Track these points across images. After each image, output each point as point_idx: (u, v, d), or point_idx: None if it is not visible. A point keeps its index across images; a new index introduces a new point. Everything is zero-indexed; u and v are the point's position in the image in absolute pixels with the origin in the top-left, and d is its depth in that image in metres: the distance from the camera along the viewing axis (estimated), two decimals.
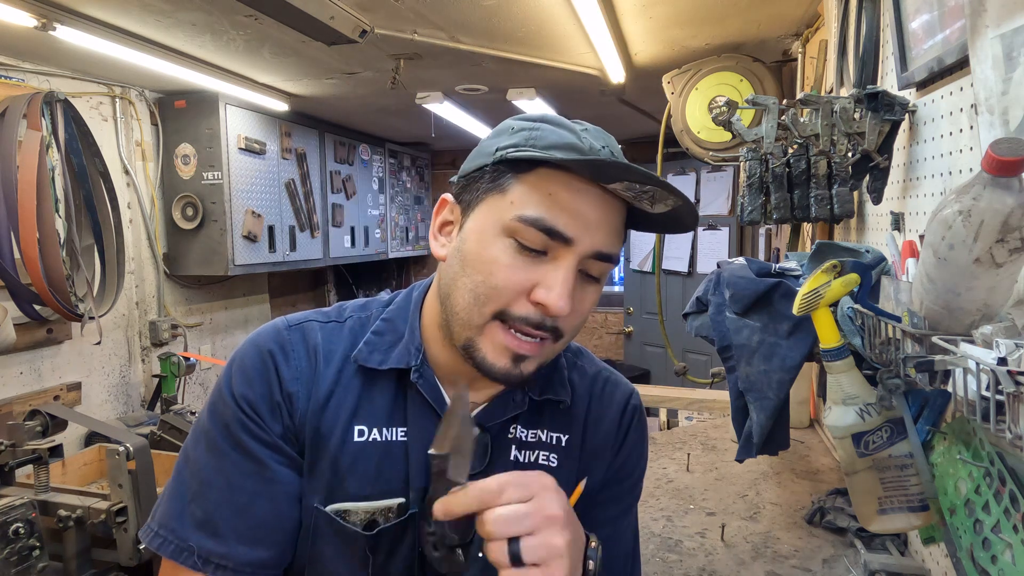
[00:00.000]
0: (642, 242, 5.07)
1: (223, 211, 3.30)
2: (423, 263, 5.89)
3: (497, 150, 0.67)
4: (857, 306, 0.87)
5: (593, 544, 0.64)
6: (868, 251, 1.02)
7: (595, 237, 0.66)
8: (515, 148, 0.66)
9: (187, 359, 3.25)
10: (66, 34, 2.22)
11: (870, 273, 0.86)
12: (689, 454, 1.85)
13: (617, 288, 6.87)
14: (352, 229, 4.43)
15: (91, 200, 2.65)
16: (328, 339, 0.75)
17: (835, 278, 0.86)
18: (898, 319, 0.76)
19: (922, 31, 1.07)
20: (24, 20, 2.07)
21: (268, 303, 4.31)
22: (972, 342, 0.62)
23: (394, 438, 0.72)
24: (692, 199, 4.57)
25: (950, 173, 0.98)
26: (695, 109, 2.60)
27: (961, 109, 0.94)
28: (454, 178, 0.74)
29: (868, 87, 1.14)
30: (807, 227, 1.99)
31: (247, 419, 0.70)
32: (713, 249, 4.42)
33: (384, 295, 0.82)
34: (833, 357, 0.86)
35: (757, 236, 4.00)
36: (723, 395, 2.29)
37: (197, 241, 3.35)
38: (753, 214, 1.41)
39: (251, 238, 3.46)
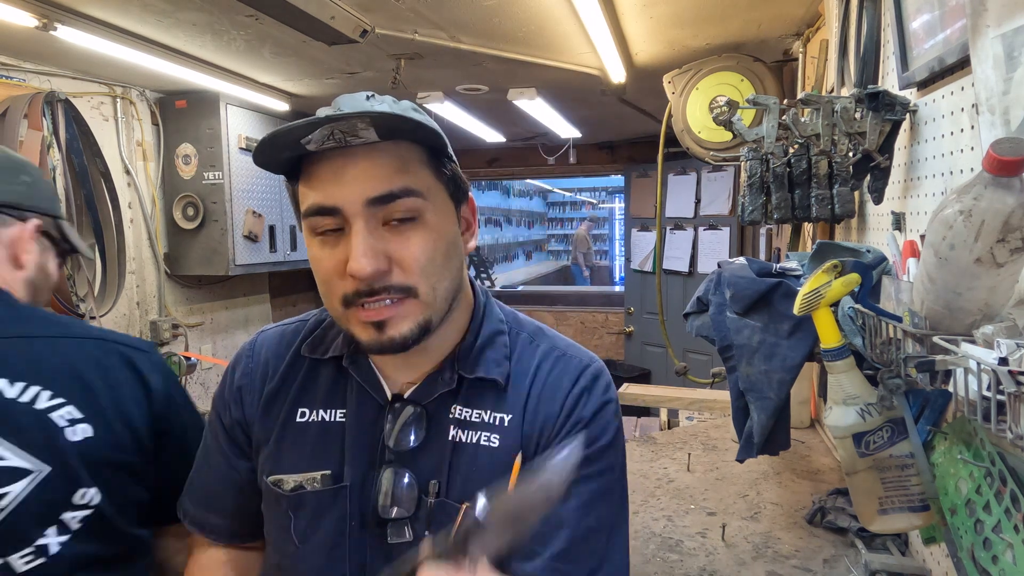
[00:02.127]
0: (643, 242, 5.07)
1: (224, 211, 3.30)
2: None
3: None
4: (858, 306, 0.87)
5: None
6: (869, 251, 1.02)
7: (357, 188, 0.67)
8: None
9: (188, 359, 3.25)
10: (67, 34, 2.22)
11: (871, 273, 0.86)
12: (690, 454, 1.85)
13: (618, 288, 6.87)
14: None
15: (92, 200, 2.65)
16: (281, 341, 0.85)
17: (836, 278, 0.86)
18: (899, 319, 0.76)
19: (923, 31, 1.07)
20: (25, 20, 2.07)
21: (269, 303, 4.31)
22: (973, 342, 0.62)
23: (333, 419, 0.79)
24: (694, 199, 4.58)
25: (951, 173, 0.98)
26: (696, 109, 2.60)
27: (962, 109, 0.94)
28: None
29: (869, 87, 1.14)
30: (808, 227, 1.99)
31: (214, 411, 0.87)
32: (714, 249, 4.42)
33: None
34: (834, 357, 0.86)
35: (758, 236, 3.99)
36: (724, 395, 2.29)
37: (198, 241, 3.35)
38: (754, 214, 1.41)
39: (252, 238, 3.46)
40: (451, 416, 0.77)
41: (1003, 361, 0.55)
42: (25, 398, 0.83)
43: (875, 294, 0.88)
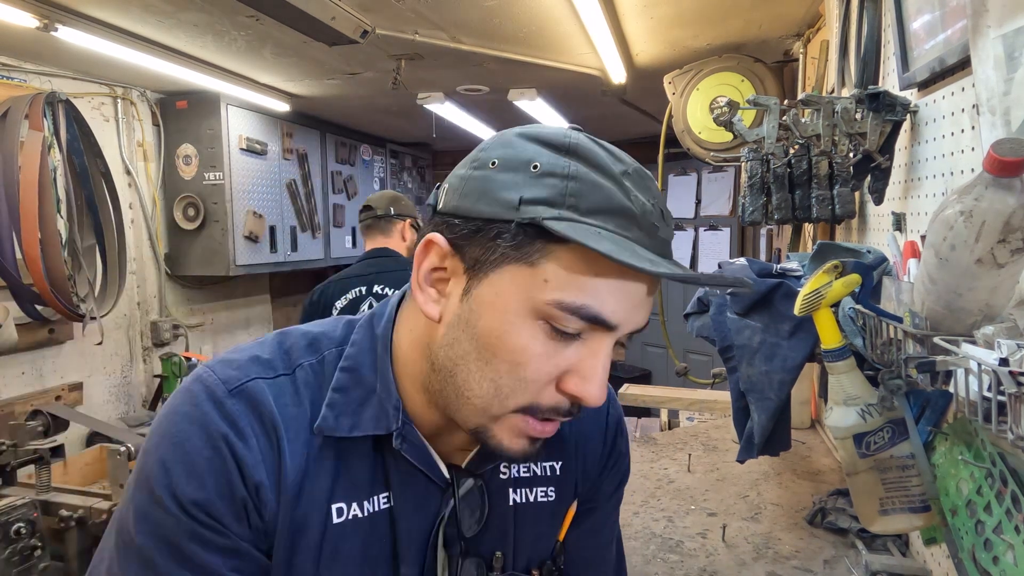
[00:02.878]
0: None
1: (224, 211, 3.30)
2: None
3: (523, 203, 0.52)
4: (858, 307, 0.87)
5: None
6: (869, 251, 1.02)
7: (637, 317, 0.56)
8: (550, 209, 0.52)
9: (188, 359, 3.25)
10: (68, 35, 2.22)
11: (871, 274, 0.86)
12: (690, 455, 1.84)
13: None
14: (353, 230, 4.43)
15: (93, 200, 2.66)
16: (283, 403, 0.59)
17: (836, 279, 0.86)
18: (899, 320, 0.76)
19: (923, 31, 1.07)
20: (26, 21, 2.07)
21: (269, 303, 4.31)
22: (974, 343, 0.62)
23: (377, 508, 0.61)
24: (694, 200, 4.58)
25: (951, 173, 0.98)
26: (696, 109, 2.60)
27: (963, 109, 0.94)
28: (436, 199, 0.60)
29: (869, 87, 1.14)
30: (808, 227, 1.99)
31: (201, 528, 0.54)
32: (714, 249, 4.42)
33: (335, 328, 0.67)
34: (835, 358, 0.86)
35: (758, 236, 3.99)
36: (724, 396, 2.28)
37: (198, 241, 3.36)
38: (754, 214, 1.41)
39: (252, 238, 3.46)
40: (503, 476, 0.67)
41: (1004, 362, 0.55)
42: None
43: (876, 295, 0.88)
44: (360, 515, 0.60)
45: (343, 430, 0.59)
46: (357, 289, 2.10)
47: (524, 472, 0.69)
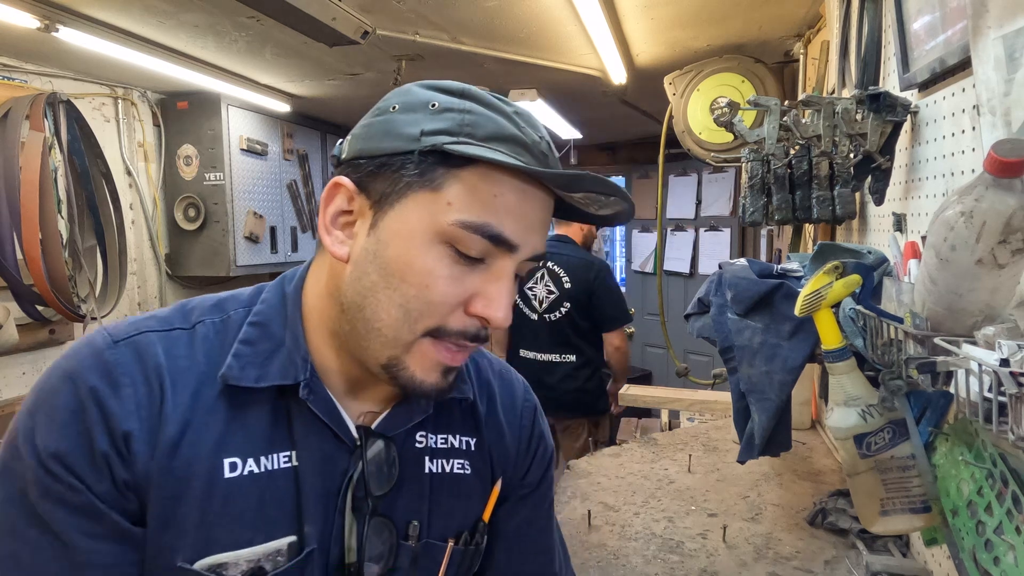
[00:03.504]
0: (644, 243, 5.07)
1: (225, 212, 3.30)
2: None
3: (424, 134, 0.56)
4: (859, 307, 0.87)
5: None
6: (870, 252, 1.02)
7: (536, 240, 0.60)
8: (450, 137, 0.56)
9: None
10: (69, 35, 2.22)
11: (872, 274, 0.86)
12: (691, 455, 1.84)
13: None
14: None
15: (93, 201, 2.66)
16: (174, 354, 0.59)
17: (837, 279, 0.86)
18: (900, 320, 0.76)
19: (924, 32, 1.07)
20: (27, 21, 2.08)
21: None
22: (974, 343, 0.62)
23: (277, 466, 0.60)
24: (694, 201, 4.58)
25: (952, 174, 0.98)
26: (697, 110, 2.60)
27: (963, 110, 0.94)
28: (340, 151, 0.62)
29: (870, 88, 1.14)
30: (809, 228, 1.99)
31: (54, 481, 0.53)
32: (714, 250, 4.42)
33: (245, 291, 0.68)
34: (835, 358, 0.86)
35: (759, 237, 3.99)
36: (725, 396, 2.28)
37: (199, 242, 3.36)
38: (755, 215, 1.41)
39: (253, 239, 3.46)
40: (419, 445, 0.68)
41: (1004, 362, 0.55)
42: None
43: (876, 295, 0.88)
44: (256, 470, 0.59)
45: (249, 380, 0.59)
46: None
47: (441, 444, 0.70)
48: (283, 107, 3.47)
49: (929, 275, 0.67)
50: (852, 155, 1.23)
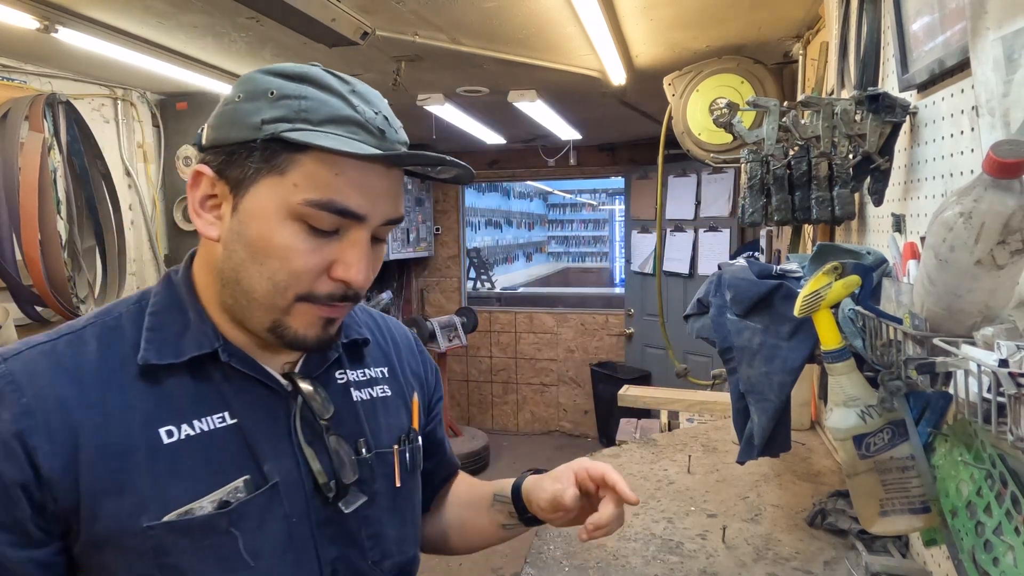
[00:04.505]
0: (643, 244, 5.07)
1: None
2: (424, 264, 5.90)
3: (264, 123, 0.61)
4: (858, 308, 0.87)
5: None
6: (869, 253, 1.02)
7: (385, 207, 0.66)
8: (287, 124, 0.61)
9: None
10: (68, 36, 2.22)
11: (871, 275, 0.86)
12: (690, 456, 1.84)
13: (618, 290, 6.85)
14: None
15: (93, 202, 2.66)
16: (71, 356, 0.64)
17: (836, 280, 0.86)
18: (899, 321, 0.76)
19: (923, 33, 1.07)
20: (26, 22, 2.08)
21: None
22: (973, 344, 0.62)
23: (213, 427, 0.66)
24: (694, 201, 4.58)
25: (951, 175, 0.98)
26: (696, 111, 2.60)
27: (962, 111, 0.94)
28: (199, 139, 0.67)
29: (869, 89, 1.14)
30: (808, 229, 1.99)
31: None
32: (714, 251, 4.42)
33: (128, 296, 0.74)
34: (834, 359, 0.86)
35: (758, 238, 3.99)
36: (724, 397, 2.28)
37: (198, 243, 3.35)
38: (754, 216, 1.41)
39: None
40: (340, 381, 0.78)
41: (1003, 363, 0.55)
42: None
43: (875, 296, 0.88)
44: (192, 433, 0.65)
45: (169, 357, 0.66)
46: None
47: (361, 377, 0.81)
48: None
49: (928, 276, 0.67)
50: (851, 156, 1.23)
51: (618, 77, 2.87)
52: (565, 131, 4.34)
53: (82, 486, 0.60)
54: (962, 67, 0.92)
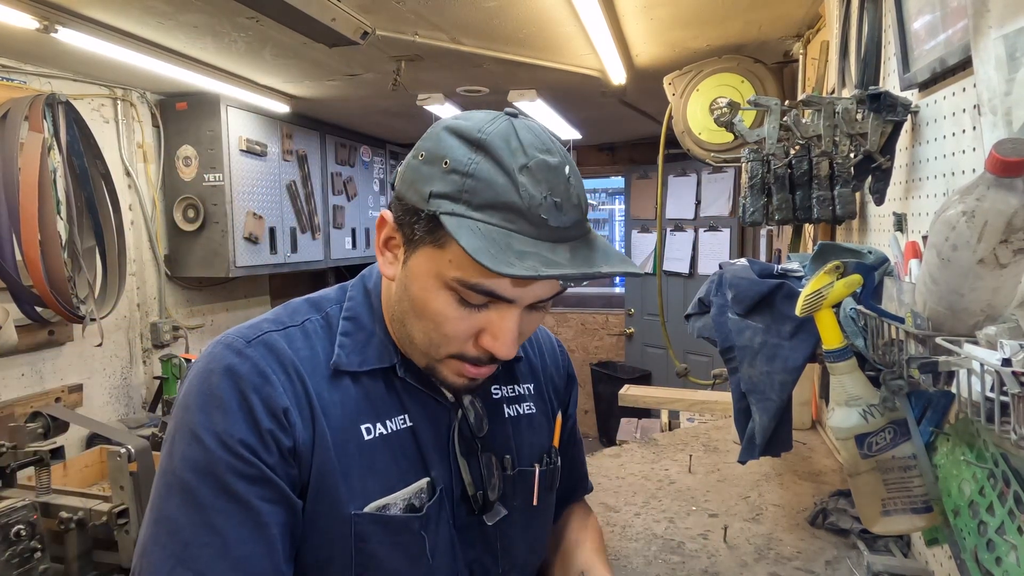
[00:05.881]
0: (643, 244, 5.07)
1: (224, 213, 3.30)
2: None
3: (431, 196, 0.64)
4: (860, 307, 0.87)
5: None
6: (871, 252, 1.02)
7: (538, 291, 0.67)
8: (449, 203, 0.63)
9: (188, 361, 3.24)
10: (68, 36, 2.22)
11: (873, 274, 0.86)
12: (691, 455, 1.84)
13: (618, 289, 6.85)
14: (353, 231, 4.43)
15: (93, 202, 2.65)
16: (296, 347, 0.72)
17: (838, 279, 0.86)
18: (901, 320, 0.76)
19: (924, 32, 1.07)
20: (26, 22, 2.07)
21: (269, 304, 4.31)
22: (976, 343, 0.62)
23: (397, 428, 0.75)
24: (694, 201, 4.58)
25: (953, 174, 0.98)
26: (696, 110, 2.60)
27: (964, 110, 0.94)
28: (394, 180, 0.72)
29: (870, 88, 1.14)
30: (809, 228, 1.99)
31: (235, 459, 0.64)
32: (714, 250, 4.42)
33: (330, 291, 0.81)
34: (836, 358, 0.86)
35: (759, 237, 3.99)
36: (725, 396, 2.28)
37: (198, 243, 3.35)
38: (755, 215, 1.40)
39: (252, 240, 3.46)
40: (495, 396, 0.84)
41: (1006, 362, 0.55)
42: None
43: (877, 295, 0.88)
44: (385, 432, 0.73)
45: (353, 366, 0.73)
46: None
47: (511, 393, 0.87)
48: (282, 108, 3.47)
49: (930, 275, 0.67)
50: (852, 155, 1.23)
51: (618, 77, 2.87)
52: (565, 131, 4.34)
53: (315, 466, 0.68)
54: (964, 66, 0.92)
